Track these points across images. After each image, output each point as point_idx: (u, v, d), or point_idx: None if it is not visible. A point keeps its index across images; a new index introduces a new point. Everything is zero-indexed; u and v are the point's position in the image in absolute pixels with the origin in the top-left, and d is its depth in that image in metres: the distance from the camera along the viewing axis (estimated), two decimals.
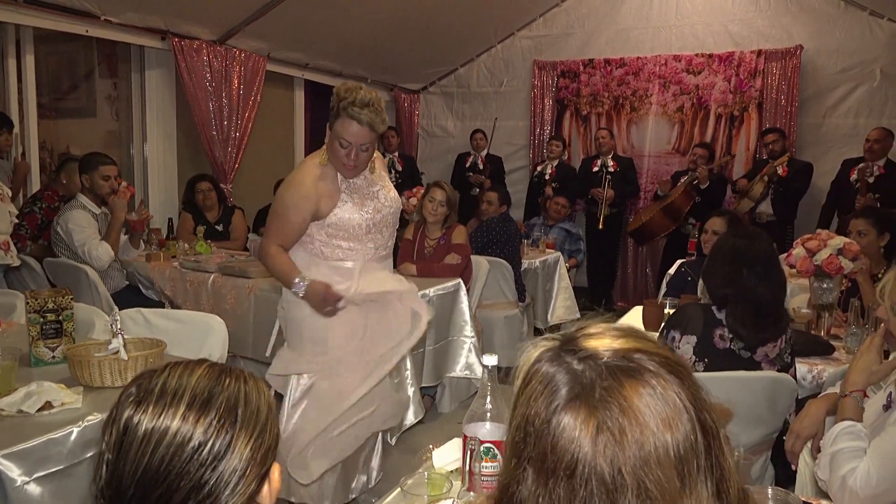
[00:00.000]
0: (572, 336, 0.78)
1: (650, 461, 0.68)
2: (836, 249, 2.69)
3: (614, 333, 0.77)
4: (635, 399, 0.69)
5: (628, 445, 0.68)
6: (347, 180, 2.49)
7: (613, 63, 6.68)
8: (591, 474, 0.68)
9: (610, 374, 0.71)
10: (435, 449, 1.60)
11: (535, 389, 0.74)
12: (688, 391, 0.72)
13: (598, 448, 0.68)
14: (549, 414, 0.71)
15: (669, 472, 0.68)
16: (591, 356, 0.73)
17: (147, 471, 0.84)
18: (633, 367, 0.72)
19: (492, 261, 4.30)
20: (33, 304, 2.13)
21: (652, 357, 0.73)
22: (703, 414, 0.72)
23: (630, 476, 0.67)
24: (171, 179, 5.45)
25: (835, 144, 5.84)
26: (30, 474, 1.56)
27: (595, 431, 0.68)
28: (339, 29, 5.69)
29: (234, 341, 3.09)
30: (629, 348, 0.74)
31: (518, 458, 0.74)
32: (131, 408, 0.87)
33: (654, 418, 0.69)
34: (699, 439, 0.70)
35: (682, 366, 0.75)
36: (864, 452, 1.51)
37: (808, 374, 2.42)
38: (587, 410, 0.70)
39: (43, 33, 4.47)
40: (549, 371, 0.74)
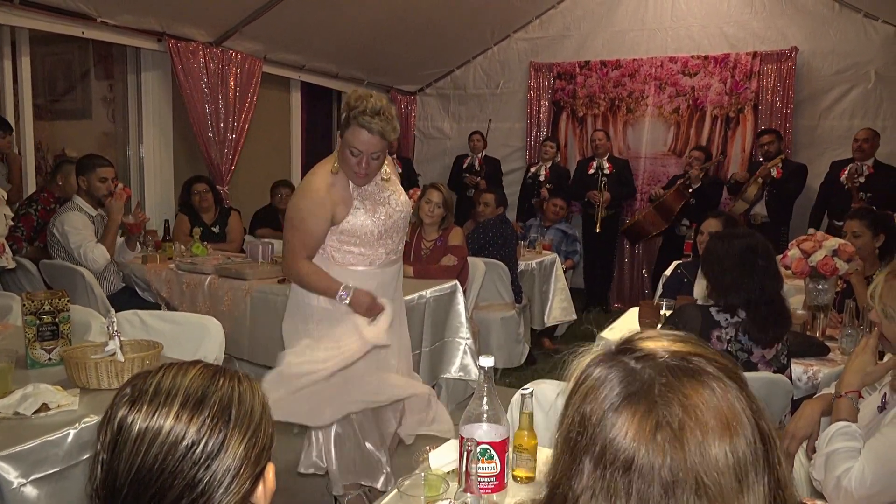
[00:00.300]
0: (628, 339, 0.78)
1: (709, 461, 0.68)
2: (831, 251, 2.70)
3: (672, 337, 0.77)
4: (696, 398, 0.70)
5: (687, 443, 0.68)
6: (364, 188, 2.49)
7: (609, 65, 6.69)
8: (649, 469, 0.68)
9: (670, 373, 0.72)
10: (432, 450, 1.60)
11: (589, 387, 0.75)
12: (747, 397, 0.73)
13: (656, 444, 0.68)
14: (606, 409, 0.72)
15: (728, 474, 0.68)
16: (649, 356, 0.74)
17: (141, 470, 0.84)
18: (694, 367, 0.72)
19: (488, 262, 4.30)
20: (30, 306, 2.13)
21: (711, 361, 0.74)
22: (761, 421, 0.72)
23: (689, 473, 0.67)
24: (167, 181, 5.44)
25: (830, 146, 5.86)
26: (26, 476, 1.56)
27: (654, 427, 0.69)
28: (335, 31, 5.70)
29: (231, 343, 3.08)
30: (687, 351, 0.75)
31: (572, 453, 0.74)
32: (125, 407, 0.88)
33: (715, 419, 0.69)
34: (758, 445, 0.71)
35: (739, 374, 0.75)
36: (858, 453, 1.52)
37: (804, 374, 2.43)
38: (646, 406, 0.70)
39: (39, 35, 4.46)
40: (604, 370, 0.75)
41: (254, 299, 3.57)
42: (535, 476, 1.55)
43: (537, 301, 4.97)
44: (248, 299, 3.58)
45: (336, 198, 2.43)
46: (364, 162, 2.36)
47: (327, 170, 2.46)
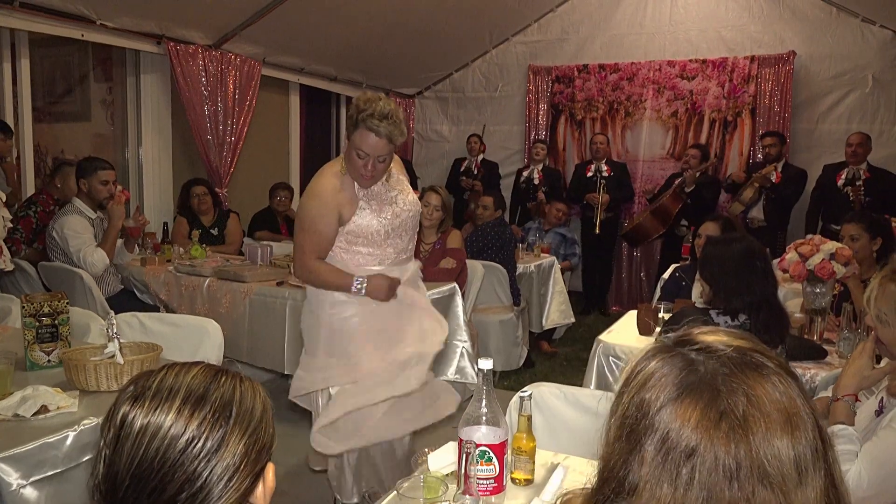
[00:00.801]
0: (685, 333, 0.79)
1: (772, 451, 0.69)
2: (828, 254, 2.71)
3: (730, 333, 0.78)
4: (759, 391, 0.71)
5: (752, 433, 0.69)
6: (369, 189, 2.51)
7: (608, 68, 6.71)
8: (712, 457, 0.69)
9: (733, 365, 0.73)
10: (430, 452, 1.61)
11: (648, 375, 0.76)
12: (805, 396, 0.74)
13: (721, 432, 0.69)
14: (667, 397, 0.73)
15: (789, 468, 0.69)
16: (709, 348, 0.75)
17: (142, 464, 0.86)
18: (756, 362, 0.74)
19: (487, 265, 4.31)
20: (29, 308, 2.13)
21: (770, 358, 0.75)
22: (820, 420, 0.74)
23: (752, 464, 0.69)
24: (166, 183, 5.44)
25: (827, 150, 5.88)
26: (26, 478, 1.56)
27: (718, 417, 0.70)
28: (334, 34, 5.71)
29: (230, 345, 3.08)
30: (747, 347, 0.76)
31: (630, 439, 0.75)
32: (128, 404, 0.89)
33: (778, 412, 0.70)
34: (817, 442, 0.72)
35: (796, 373, 0.76)
36: (855, 456, 1.53)
37: (802, 377, 2.44)
38: (710, 395, 0.71)
39: (38, 37, 4.47)
40: (661, 361, 0.76)
41: (252, 301, 3.57)
42: (533, 478, 1.56)
43: (535, 304, 4.98)
44: (246, 301, 3.59)
45: (342, 199, 2.44)
46: (370, 165, 2.37)
47: (334, 171, 2.48)
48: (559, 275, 5.22)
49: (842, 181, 5.18)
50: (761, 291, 2.16)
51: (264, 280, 3.67)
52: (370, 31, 5.83)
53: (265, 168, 6.23)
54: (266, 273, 3.78)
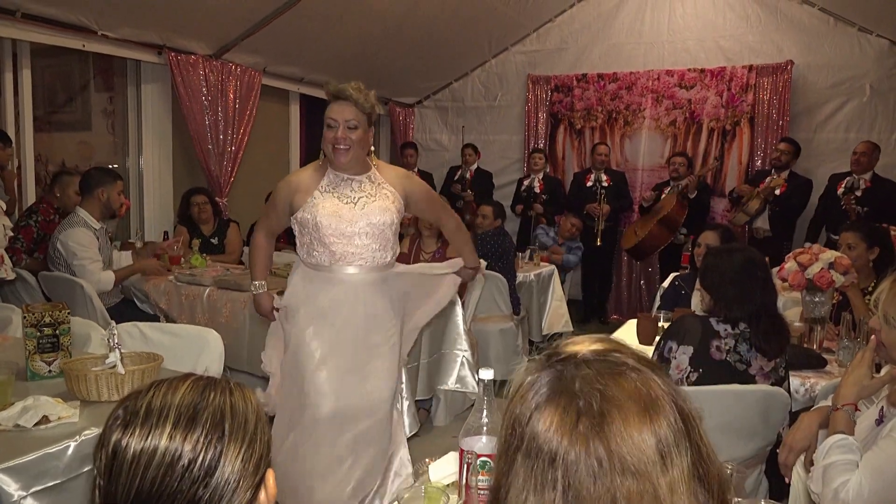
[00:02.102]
0: (555, 346, 0.82)
1: (632, 442, 0.71)
2: (827, 263, 2.72)
3: (592, 338, 0.82)
4: (614, 387, 0.74)
5: (609, 429, 0.71)
6: (331, 183, 2.51)
7: (606, 78, 6.74)
8: (574, 460, 0.71)
9: (588, 367, 0.76)
10: (431, 462, 1.61)
11: (520, 392, 0.79)
12: (665, 381, 0.76)
13: (579, 433, 0.72)
14: (530, 408, 0.76)
15: (652, 455, 0.71)
16: (571, 356, 0.78)
17: (139, 493, 0.84)
18: (612, 360, 0.77)
19: (487, 274, 4.31)
20: (30, 318, 2.13)
21: (629, 355, 0.78)
22: (681, 402, 0.76)
23: (614, 456, 0.71)
24: (166, 193, 5.45)
25: (826, 159, 5.90)
26: (27, 489, 1.56)
27: (576, 418, 0.72)
28: (334, 43, 5.73)
29: (230, 355, 3.07)
30: (607, 349, 0.79)
31: (507, 456, 0.77)
32: (119, 431, 0.88)
33: (635, 403, 0.73)
34: (678, 424, 0.74)
35: (660, 366, 0.79)
36: (856, 465, 1.53)
37: (801, 387, 2.44)
38: (567, 399, 0.74)
39: (39, 47, 4.48)
40: (533, 375, 0.79)
41: (252, 311, 3.56)
42: None
43: (535, 312, 4.98)
44: (246, 311, 3.59)
45: (302, 185, 2.53)
46: (340, 131, 2.41)
47: (316, 163, 2.59)
48: (558, 283, 5.22)
49: (841, 190, 5.16)
50: (761, 301, 2.17)
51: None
52: (370, 40, 5.86)
53: (265, 177, 6.23)
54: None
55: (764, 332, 2.17)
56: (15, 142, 4.33)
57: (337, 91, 2.43)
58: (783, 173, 5.47)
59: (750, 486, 2.19)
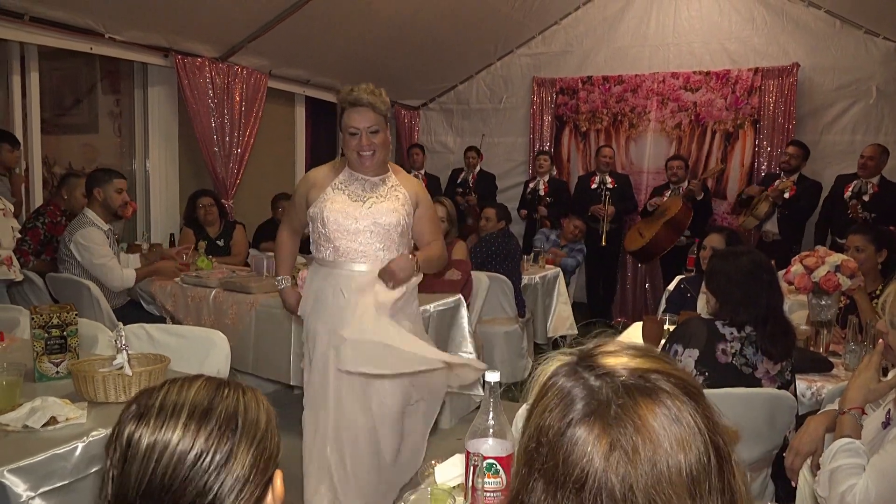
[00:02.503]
0: (589, 352, 0.79)
1: (662, 480, 0.69)
2: (833, 266, 2.71)
3: (631, 353, 0.78)
4: (650, 418, 0.71)
5: (641, 464, 0.69)
6: (344, 181, 2.56)
7: (612, 80, 6.74)
8: (601, 490, 0.69)
9: (626, 393, 0.73)
10: (437, 465, 1.61)
11: (550, 402, 0.76)
12: (702, 413, 0.73)
13: (609, 464, 0.69)
14: (563, 427, 0.73)
15: (681, 492, 0.69)
16: (609, 373, 0.75)
17: (151, 482, 0.85)
18: (650, 386, 0.73)
19: (491, 276, 4.31)
20: (38, 319, 2.15)
21: (668, 378, 0.75)
22: (716, 437, 0.73)
23: (641, 494, 0.68)
24: (172, 195, 5.47)
25: (832, 161, 5.88)
26: (35, 489, 1.57)
27: (608, 448, 0.70)
28: (339, 46, 5.75)
29: (236, 357, 3.08)
30: (646, 368, 0.76)
31: (529, 467, 0.75)
32: (132, 423, 0.89)
33: (668, 438, 0.70)
34: (712, 461, 0.71)
35: (697, 388, 0.76)
36: (862, 469, 1.53)
37: (808, 390, 2.44)
38: (601, 427, 0.71)
39: (46, 50, 4.51)
40: (565, 385, 0.76)
41: (258, 313, 3.58)
42: None
43: (540, 315, 4.98)
44: (252, 313, 3.60)
45: (318, 181, 2.60)
46: (364, 138, 2.46)
47: (333, 162, 2.67)
48: (563, 286, 5.22)
49: (848, 194, 5.11)
50: (767, 304, 2.17)
51: (270, 291, 3.67)
52: (375, 43, 5.87)
53: (271, 179, 6.25)
54: (272, 284, 3.77)
55: (770, 335, 2.16)
56: (22, 144, 4.36)
57: (353, 99, 2.45)
58: (792, 176, 5.44)
59: (756, 490, 2.19)
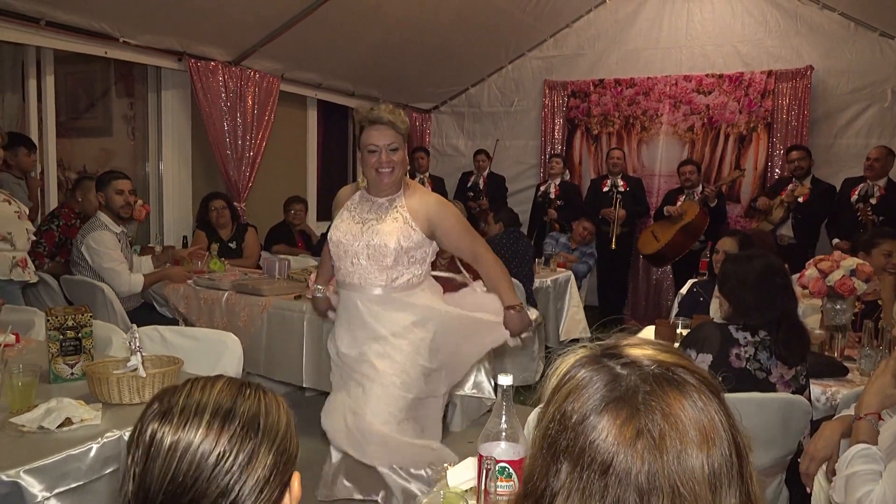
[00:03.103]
0: (614, 344, 0.80)
1: (686, 470, 0.69)
2: (848, 270, 2.69)
3: (657, 346, 0.79)
4: (677, 408, 0.71)
5: (666, 452, 0.69)
6: (356, 202, 2.61)
7: (623, 83, 6.72)
8: (626, 474, 0.70)
9: (654, 382, 0.73)
10: (450, 468, 1.61)
11: (573, 387, 0.76)
12: (725, 412, 0.74)
13: (636, 450, 0.70)
14: (588, 411, 0.73)
15: (703, 485, 0.70)
16: (634, 363, 0.75)
17: (174, 480, 0.86)
18: (677, 378, 0.74)
19: None
20: (53, 321, 2.16)
21: (693, 374, 0.75)
22: (738, 436, 0.74)
23: (666, 481, 0.69)
24: (185, 197, 5.51)
25: (846, 165, 5.83)
26: (50, 490, 1.58)
27: (635, 434, 0.70)
28: (351, 50, 5.77)
29: (248, 359, 3.09)
30: (671, 362, 0.76)
31: (552, 451, 0.75)
32: (156, 422, 0.90)
33: (694, 430, 0.71)
34: (734, 459, 0.72)
35: (719, 388, 0.77)
36: (879, 475, 1.51)
37: (822, 395, 2.42)
38: (628, 412, 0.72)
39: (61, 54, 4.56)
40: (588, 372, 0.76)
41: (270, 315, 3.60)
42: None
43: (552, 318, 4.96)
44: (264, 315, 3.61)
45: (341, 200, 2.69)
46: (384, 155, 2.47)
47: (353, 184, 2.69)
48: (575, 289, 5.20)
49: (855, 197, 5.06)
50: (781, 308, 2.15)
51: (282, 294, 3.70)
52: (387, 47, 5.88)
53: (283, 182, 6.28)
54: (284, 287, 3.80)
55: (784, 339, 2.14)
56: (38, 148, 4.40)
57: (373, 117, 2.47)
58: (806, 180, 5.40)
59: (770, 495, 2.17)
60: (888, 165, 5.02)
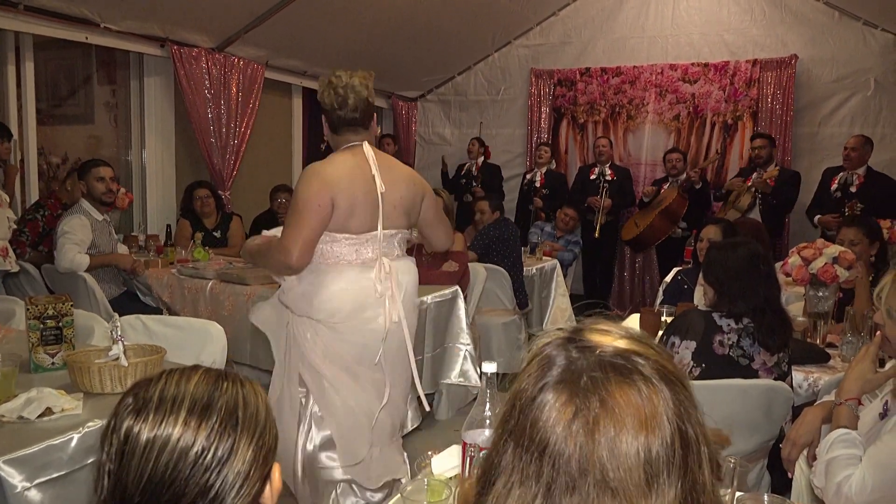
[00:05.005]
0: (581, 327, 0.80)
1: (619, 456, 0.69)
2: (831, 258, 2.71)
3: (620, 333, 0.78)
4: (618, 395, 0.71)
5: (599, 437, 0.70)
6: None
7: (610, 72, 6.72)
8: (559, 456, 0.70)
9: (600, 367, 0.74)
10: (434, 455, 1.61)
11: (532, 368, 0.77)
12: (675, 401, 0.73)
13: (570, 432, 0.70)
14: (534, 391, 0.74)
15: (636, 472, 0.69)
16: (590, 348, 0.76)
17: (152, 479, 0.84)
18: (627, 367, 0.74)
19: (489, 268, 4.31)
20: (33, 310, 2.14)
21: (649, 361, 0.75)
22: (685, 426, 0.73)
23: (597, 467, 0.69)
24: (169, 186, 5.46)
25: (830, 153, 5.87)
26: (30, 480, 1.56)
27: (572, 416, 0.71)
28: (336, 37, 5.72)
29: (232, 348, 3.08)
30: (629, 349, 0.76)
31: (501, 430, 0.77)
32: (131, 417, 0.87)
33: (632, 418, 0.70)
34: (676, 449, 0.71)
35: (679, 377, 0.76)
36: (858, 460, 1.53)
37: (805, 381, 2.44)
38: (568, 394, 0.72)
39: (42, 40, 4.48)
40: (549, 354, 0.77)
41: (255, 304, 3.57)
42: None
43: (537, 306, 4.98)
44: (249, 304, 3.59)
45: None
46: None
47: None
48: (561, 278, 5.22)
49: (835, 186, 5.10)
50: (765, 295, 2.17)
51: (267, 283, 3.67)
52: (373, 34, 5.84)
53: (268, 171, 6.24)
54: (268, 276, 3.77)
55: (767, 326, 2.16)
56: (18, 135, 4.34)
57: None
58: (771, 166, 5.42)
59: (752, 481, 2.19)
60: (866, 154, 5.05)
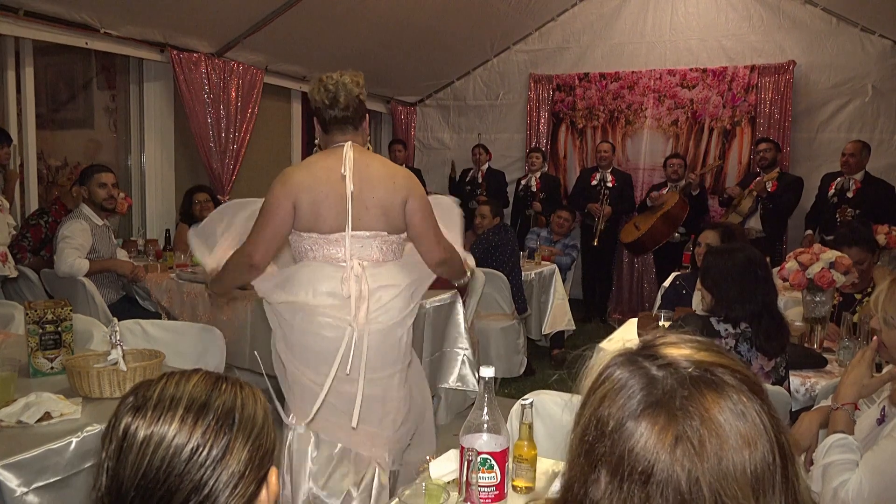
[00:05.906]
0: (650, 342, 0.77)
1: (728, 476, 0.68)
2: (828, 263, 2.72)
3: (694, 345, 0.76)
4: (716, 412, 0.69)
5: (707, 458, 0.68)
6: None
7: (608, 77, 6.74)
8: (667, 482, 0.68)
9: (692, 384, 0.71)
10: (432, 460, 1.61)
11: (608, 390, 0.74)
12: (767, 412, 0.72)
13: (675, 457, 0.68)
14: (624, 417, 0.71)
15: (745, 489, 0.68)
16: (671, 364, 0.73)
17: (147, 474, 0.85)
18: (715, 380, 0.72)
19: (487, 273, 4.31)
20: (32, 315, 2.14)
21: (734, 374, 0.73)
22: (781, 436, 0.72)
23: (707, 488, 0.67)
24: (168, 191, 5.46)
25: (827, 159, 5.89)
26: (28, 484, 1.56)
27: (674, 441, 0.68)
28: (336, 42, 5.74)
29: (231, 353, 3.09)
30: (710, 361, 0.74)
31: (589, 458, 0.74)
32: (129, 415, 0.89)
33: (735, 433, 0.69)
34: (776, 460, 0.70)
35: (761, 386, 0.75)
36: (855, 465, 1.53)
37: (802, 386, 2.45)
38: (666, 418, 0.70)
39: (41, 45, 4.49)
40: (624, 374, 0.74)
41: (254, 309, 3.58)
42: (534, 486, 1.56)
43: (535, 311, 4.98)
44: (248, 309, 3.59)
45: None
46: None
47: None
48: (560, 283, 5.22)
49: (832, 191, 5.11)
50: (762, 300, 2.18)
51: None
52: (372, 39, 5.86)
53: (267, 175, 6.18)
54: None
55: (765, 331, 2.17)
56: (17, 140, 4.34)
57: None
58: (773, 171, 5.44)
59: None
60: (863, 159, 5.05)
